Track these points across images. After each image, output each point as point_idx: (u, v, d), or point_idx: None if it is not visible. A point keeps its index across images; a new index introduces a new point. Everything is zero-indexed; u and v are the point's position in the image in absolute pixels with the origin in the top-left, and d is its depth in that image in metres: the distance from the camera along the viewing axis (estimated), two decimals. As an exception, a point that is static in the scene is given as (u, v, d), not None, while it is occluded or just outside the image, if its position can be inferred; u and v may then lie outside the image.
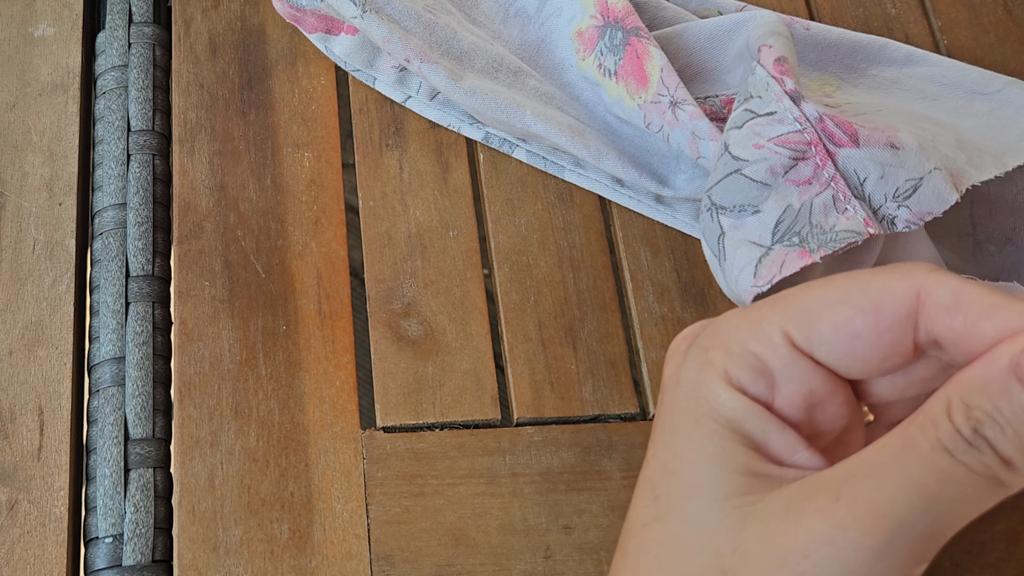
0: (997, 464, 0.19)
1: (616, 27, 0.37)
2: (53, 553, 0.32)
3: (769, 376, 0.22)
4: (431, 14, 0.38)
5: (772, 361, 0.21)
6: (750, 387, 0.22)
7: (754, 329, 0.22)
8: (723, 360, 0.22)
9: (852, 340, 0.21)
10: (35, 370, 0.35)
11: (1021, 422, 0.19)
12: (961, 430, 0.19)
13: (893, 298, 0.21)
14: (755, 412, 0.21)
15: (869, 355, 0.21)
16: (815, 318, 0.21)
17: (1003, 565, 0.36)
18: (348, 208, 0.39)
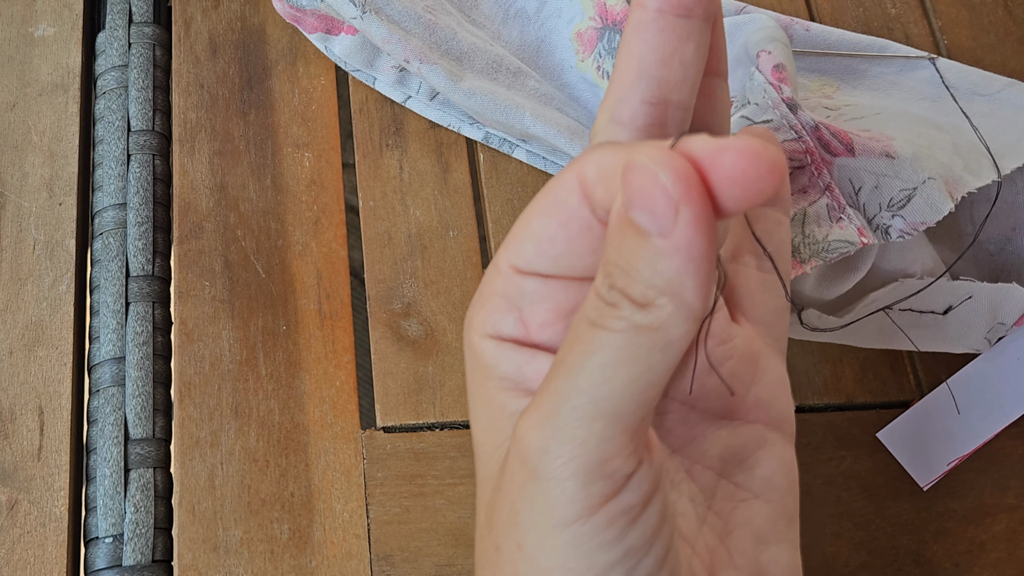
0: (633, 311, 0.18)
1: (615, 30, 0.37)
2: (53, 553, 0.32)
3: (515, 309, 0.22)
4: (431, 15, 0.38)
5: (510, 293, 0.22)
6: (505, 329, 0.22)
7: (493, 270, 0.22)
8: (478, 313, 0.22)
9: (551, 244, 0.21)
10: (35, 370, 0.35)
11: (636, 256, 0.18)
12: (600, 292, 0.19)
13: (565, 191, 0.21)
14: (503, 351, 0.22)
15: (573, 250, 0.21)
16: (521, 238, 0.22)
17: (1003, 565, 0.36)
18: (348, 208, 0.39)
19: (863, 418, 0.37)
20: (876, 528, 0.36)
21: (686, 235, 0.17)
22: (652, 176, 0.18)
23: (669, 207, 0.17)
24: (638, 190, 0.18)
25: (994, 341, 0.36)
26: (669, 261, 0.18)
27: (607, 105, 0.23)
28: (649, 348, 0.18)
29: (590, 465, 0.19)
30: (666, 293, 0.18)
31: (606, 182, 0.20)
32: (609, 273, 0.19)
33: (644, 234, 0.18)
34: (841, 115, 0.38)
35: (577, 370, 0.19)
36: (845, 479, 0.36)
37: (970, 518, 0.36)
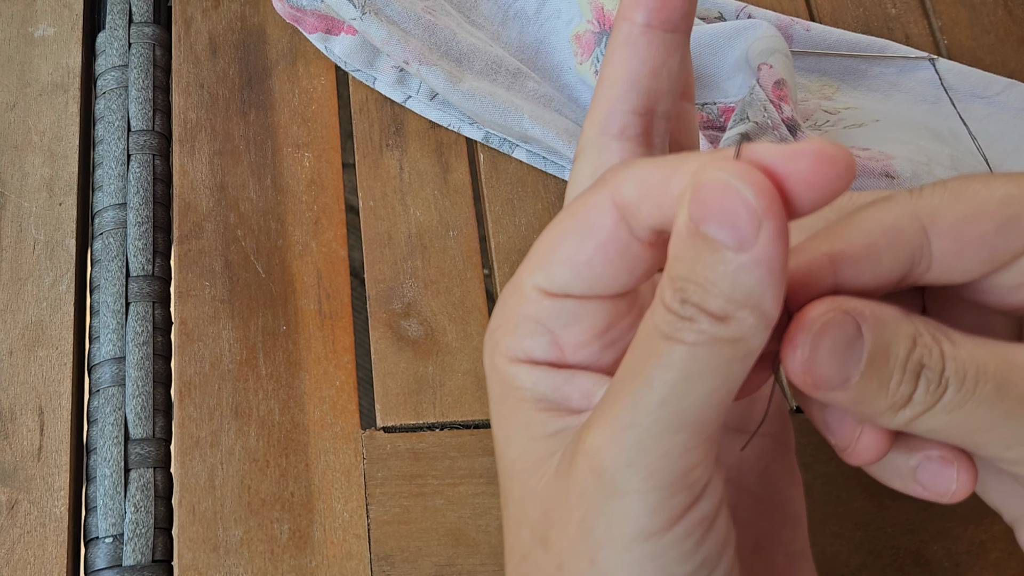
0: (711, 324, 0.18)
1: None
2: (53, 553, 0.32)
3: (547, 332, 0.22)
4: (430, 15, 0.38)
5: (542, 317, 0.21)
6: (538, 353, 0.22)
7: (517, 295, 0.22)
8: (505, 337, 0.22)
9: (588, 267, 0.21)
10: (35, 370, 0.35)
11: (712, 270, 0.18)
12: (672, 307, 0.19)
13: (599, 212, 0.20)
14: (539, 374, 0.22)
15: (611, 271, 0.21)
16: (550, 261, 0.21)
17: (1003, 565, 0.36)
18: (348, 208, 0.39)
19: (863, 418, 0.37)
20: (876, 528, 0.36)
21: (768, 248, 0.18)
22: (733, 191, 0.18)
23: (752, 221, 0.17)
24: (715, 205, 0.18)
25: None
26: (750, 274, 0.18)
27: (595, 118, 0.23)
28: (730, 359, 0.18)
29: (673, 476, 0.19)
30: (746, 306, 0.18)
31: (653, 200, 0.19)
32: (681, 288, 0.18)
33: (720, 247, 0.18)
34: (841, 119, 0.38)
35: (656, 383, 0.19)
36: (845, 479, 0.36)
37: (970, 518, 0.36)
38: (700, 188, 0.18)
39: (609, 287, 0.21)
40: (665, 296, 0.19)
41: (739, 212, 0.18)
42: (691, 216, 0.18)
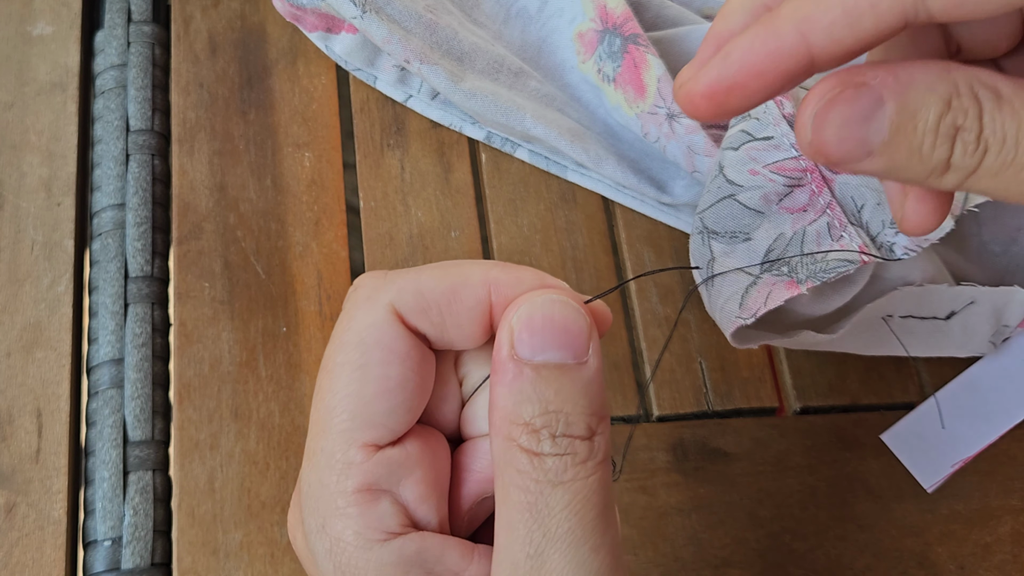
0: (585, 448, 0.19)
1: (615, 33, 0.37)
2: (51, 556, 0.32)
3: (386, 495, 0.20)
4: (432, 14, 0.38)
5: (376, 479, 0.20)
6: (390, 522, 0.20)
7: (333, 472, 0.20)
8: (344, 524, 0.20)
9: (402, 391, 0.20)
10: (33, 372, 0.34)
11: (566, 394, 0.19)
12: (544, 450, 0.19)
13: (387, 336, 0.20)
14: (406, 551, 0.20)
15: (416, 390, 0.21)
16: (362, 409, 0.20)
17: (1008, 567, 0.35)
18: (349, 208, 0.38)
19: (867, 420, 0.37)
20: (881, 530, 0.35)
21: (599, 356, 0.19)
22: (568, 308, 0.19)
23: (585, 333, 0.19)
24: (548, 327, 0.19)
25: (999, 344, 0.35)
26: (595, 384, 0.19)
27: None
28: (609, 479, 0.19)
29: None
30: (602, 418, 0.19)
31: (431, 309, 0.20)
32: (544, 425, 0.19)
33: (564, 368, 0.19)
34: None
35: (580, 534, 0.19)
36: (850, 481, 0.36)
37: (975, 520, 0.36)
38: (527, 321, 0.19)
39: (420, 407, 0.21)
40: (527, 443, 0.19)
41: (573, 327, 0.19)
42: (523, 353, 0.19)
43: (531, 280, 0.20)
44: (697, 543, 0.34)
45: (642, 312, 0.37)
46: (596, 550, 0.19)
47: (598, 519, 0.19)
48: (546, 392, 0.19)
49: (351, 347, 0.20)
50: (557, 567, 0.19)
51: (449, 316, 0.20)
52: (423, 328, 0.21)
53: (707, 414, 0.36)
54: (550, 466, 0.19)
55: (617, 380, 0.36)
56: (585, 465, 0.19)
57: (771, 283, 0.30)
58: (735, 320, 0.31)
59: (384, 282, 0.21)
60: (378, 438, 0.20)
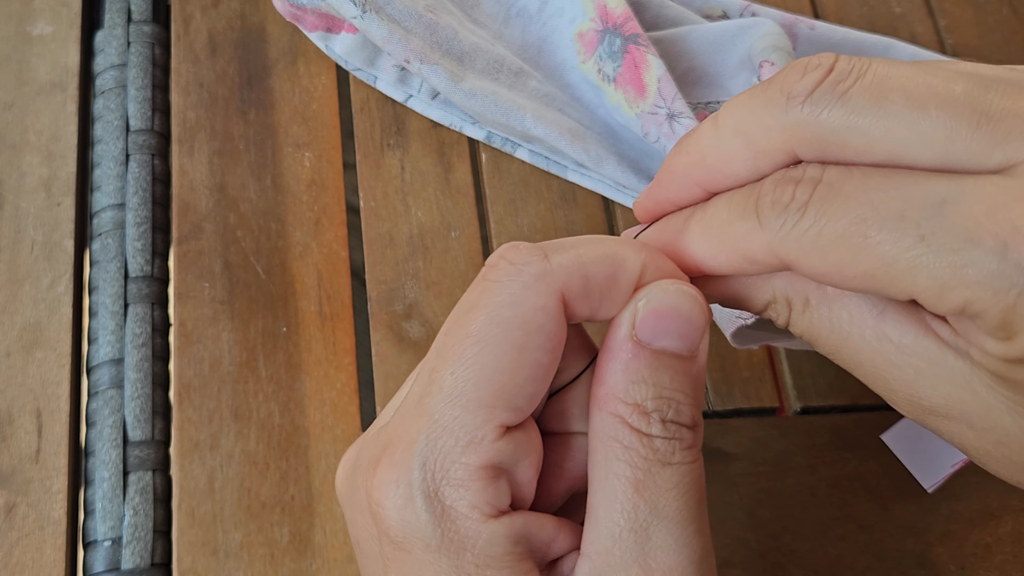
0: (691, 436, 0.20)
1: (615, 33, 0.37)
2: (51, 557, 0.32)
3: (504, 474, 0.20)
4: (432, 14, 0.38)
5: (501, 458, 0.20)
6: (503, 500, 0.20)
7: (460, 441, 0.20)
8: (461, 493, 0.20)
9: (545, 377, 0.20)
10: (33, 372, 0.34)
11: (678, 383, 0.20)
12: (654, 432, 0.20)
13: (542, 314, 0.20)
14: (516, 527, 0.20)
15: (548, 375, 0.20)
16: (508, 388, 0.20)
17: (1008, 567, 0.35)
18: (349, 208, 0.38)
19: (868, 420, 0.37)
20: (881, 531, 0.35)
21: (706, 353, 0.20)
22: (693, 301, 0.20)
23: (701, 329, 0.20)
24: (672, 315, 0.20)
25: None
26: (701, 380, 0.20)
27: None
28: (703, 471, 0.20)
29: None
30: (701, 409, 0.20)
31: (593, 291, 0.20)
32: (656, 408, 0.19)
33: (678, 357, 0.20)
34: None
35: (686, 513, 0.19)
36: (850, 481, 0.36)
37: (975, 520, 0.36)
38: (655, 306, 0.20)
39: (542, 392, 0.21)
40: (639, 424, 0.19)
41: (693, 321, 0.20)
42: (643, 336, 0.20)
43: (670, 270, 0.21)
44: (697, 543, 0.34)
45: (642, 312, 0.37)
46: (699, 533, 0.19)
47: (701, 503, 0.20)
48: (662, 377, 0.20)
49: (515, 326, 0.20)
50: (663, 544, 0.19)
51: (606, 300, 0.20)
52: (583, 312, 0.21)
53: (707, 414, 0.36)
54: (659, 447, 0.19)
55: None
56: (691, 451, 0.20)
57: None
58: (735, 320, 0.31)
59: (547, 261, 0.20)
60: (513, 420, 0.20)
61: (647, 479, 0.19)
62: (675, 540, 0.19)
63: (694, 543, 0.19)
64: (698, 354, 0.20)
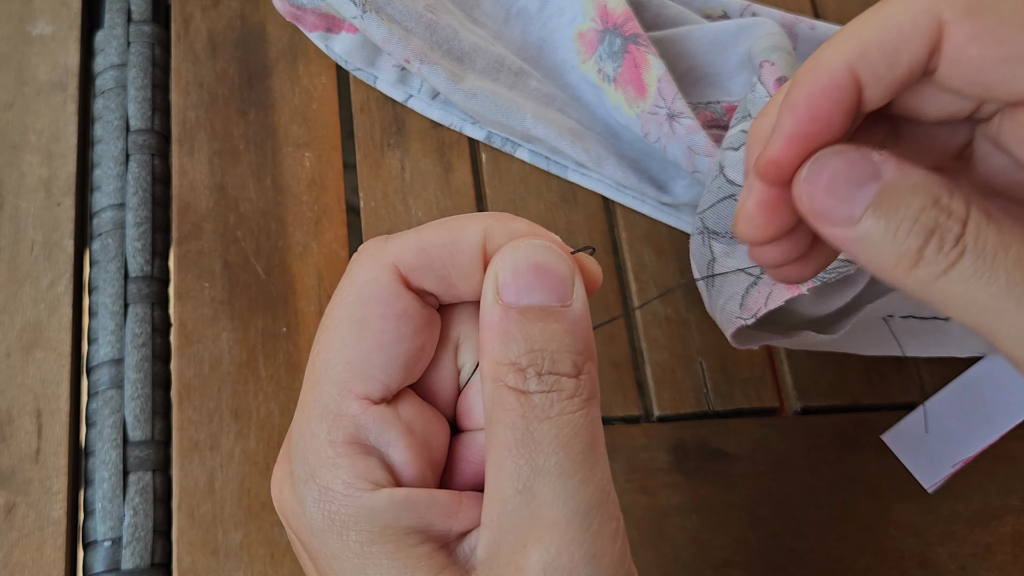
0: (572, 385, 0.20)
1: (615, 33, 0.37)
2: (51, 557, 0.32)
3: (375, 453, 0.20)
4: (432, 14, 0.38)
5: (368, 435, 0.20)
6: (378, 475, 0.20)
7: (326, 423, 0.20)
8: (333, 474, 0.20)
9: (398, 345, 0.21)
10: (33, 372, 0.34)
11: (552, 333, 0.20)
12: (530, 388, 0.19)
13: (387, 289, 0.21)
14: (399, 500, 0.20)
15: (411, 345, 0.21)
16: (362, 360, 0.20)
17: (1009, 568, 0.35)
18: (349, 208, 0.38)
19: (868, 420, 0.37)
20: (881, 531, 0.35)
21: (584, 299, 0.20)
22: (551, 253, 0.20)
23: (569, 277, 0.20)
24: (532, 271, 0.20)
25: (1000, 343, 0.35)
26: (581, 326, 0.20)
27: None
28: (597, 416, 0.20)
29: (621, 548, 0.19)
30: (589, 357, 0.20)
31: (433, 263, 0.20)
32: (530, 364, 0.19)
33: (550, 310, 0.20)
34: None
35: (567, 466, 0.19)
36: (850, 482, 0.36)
37: (976, 521, 0.36)
38: (511, 265, 0.20)
39: (418, 366, 0.21)
40: (513, 381, 0.19)
41: (557, 271, 0.20)
42: (507, 297, 0.20)
43: (522, 229, 0.21)
44: (698, 543, 0.34)
45: (643, 312, 0.37)
46: (585, 482, 0.19)
47: (586, 453, 0.19)
48: (531, 331, 0.19)
49: (350, 302, 0.21)
50: (547, 499, 0.19)
51: (453, 268, 0.21)
52: (428, 285, 0.21)
53: (708, 414, 0.36)
54: (537, 402, 0.19)
55: (617, 380, 0.36)
56: (572, 400, 0.19)
57: (771, 283, 0.30)
58: (735, 320, 0.31)
59: (386, 243, 0.21)
60: (372, 391, 0.20)
61: (526, 438, 0.19)
62: (557, 494, 0.19)
63: (579, 494, 0.19)
64: (571, 303, 0.20)
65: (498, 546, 0.19)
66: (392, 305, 0.20)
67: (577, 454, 0.19)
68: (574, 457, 0.19)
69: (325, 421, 0.20)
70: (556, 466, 0.19)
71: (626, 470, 0.35)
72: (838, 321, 0.33)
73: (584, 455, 0.19)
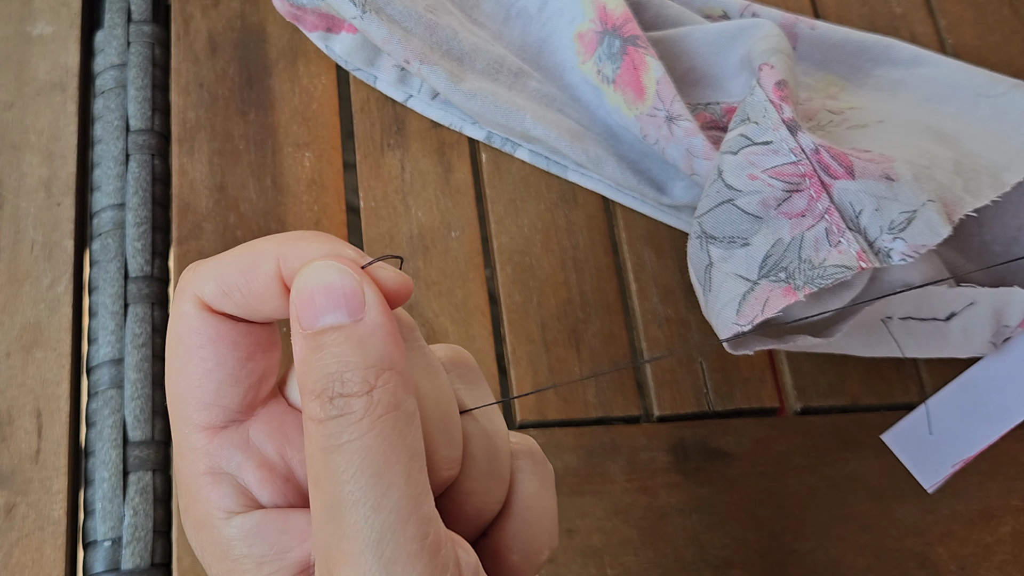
0: (363, 405, 0.19)
1: (614, 35, 0.37)
2: (51, 557, 0.32)
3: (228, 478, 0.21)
4: (432, 14, 0.38)
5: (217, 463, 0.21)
6: (229, 502, 0.21)
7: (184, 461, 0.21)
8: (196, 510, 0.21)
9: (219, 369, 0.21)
10: (33, 372, 0.34)
11: (340, 351, 0.19)
12: (322, 415, 0.19)
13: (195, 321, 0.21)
14: (249, 528, 0.20)
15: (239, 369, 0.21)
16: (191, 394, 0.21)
17: (1009, 567, 0.35)
18: (349, 208, 0.38)
19: (868, 420, 0.37)
20: (881, 531, 0.35)
21: (378, 309, 0.19)
22: (333, 270, 0.20)
23: (356, 292, 0.19)
24: (318, 293, 0.19)
25: (999, 344, 0.35)
26: (374, 338, 0.19)
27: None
28: (402, 430, 0.19)
29: (428, 569, 0.19)
30: (383, 369, 0.19)
31: (231, 290, 0.21)
32: (323, 390, 0.19)
33: (339, 328, 0.19)
34: (844, 120, 0.38)
35: (355, 497, 0.18)
36: (850, 481, 0.36)
37: (976, 521, 0.36)
38: (299, 292, 0.20)
39: (253, 380, 0.21)
40: (312, 411, 0.19)
41: (341, 288, 0.19)
42: (303, 324, 0.19)
43: (315, 251, 0.20)
44: (698, 543, 0.34)
45: (643, 312, 0.37)
46: (377, 509, 0.18)
47: (378, 476, 0.19)
48: (324, 356, 0.19)
49: (170, 341, 0.21)
50: (345, 531, 0.19)
51: (249, 295, 0.21)
52: (229, 310, 0.21)
53: (708, 414, 0.36)
54: (330, 431, 0.19)
55: (617, 380, 0.36)
56: (361, 423, 0.19)
57: (768, 289, 0.30)
58: (732, 327, 0.30)
59: (192, 274, 0.21)
60: (213, 419, 0.21)
61: (325, 469, 0.19)
62: (351, 524, 0.18)
63: (371, 521, 0.18)
64: (364, 316, 0.19)
65: (320, 574, 0.19)
66: (202, 332, 0.21)
67: (368, 479, 0.19)
68: (364, 484, 0.18)
69: (185, 457, 0.21)
70: (349, 495, 0.19)
71: (626, 470, 0.35)
72: (836, 323, 0.33)
73: (375, 479, 0.19)
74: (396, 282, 0.21)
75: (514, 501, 0.23)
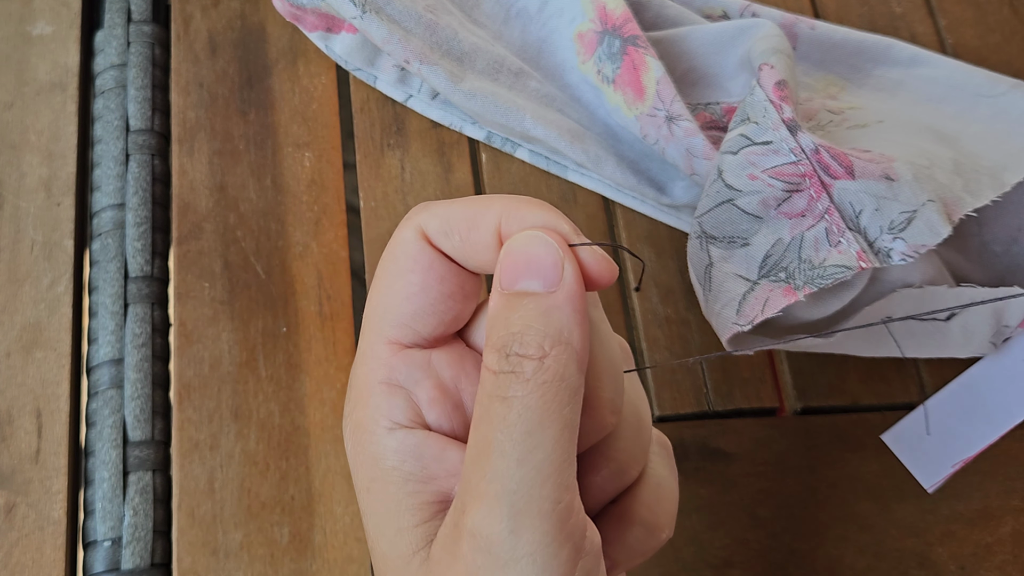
0: (534, 369, 0.20)
1: (614, 35, 0.37)
2: (51, 557, 0.32)
3: (402, 391, 0.22)
4: (432, 14, 0.38)
5: (395, 376, 0.22)
6: (396, 414, 0.22)
7: (366, 365, 0.22)
8: (363, 412, 0.22)
9: (422, 297, 0.22)
10: (33, 372, 0.34)
11: (526, 316, 0.20)
12: (497, 367, 0.20)
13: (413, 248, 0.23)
14: (406, 445, 0.22)
15: (440, 301, 0.22)
16: (390, 310, 0.22)
17: (1009, 568, 0.35)
18: (349, 208, 0.38)
19: (868, 420, 0.37)
20: (881, 531, 0.35)
21: (571, 286, 0.21)
22: (538, 243, 0.21)
23: (556, 265, 0.21)
24: (523, 262, 0.21)
25: (999, 344, 0.35)
26: (560, 311, 0.20)
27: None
28: (560, 402, 0.20)
29: (554, 530, 0.20)
30: (560, 341, 0.20)
31: (453, 232, 0.22)
32: (503, 346, 0.20)
33: (531, 295, 0.21)
34: (845, 119, 0.38)
35: (506, 446, 0.20)
36: (850, 482, 0.36)
37: (976, 521, 0.36)
38: (507, 254, 0.21)
39: (444, 322, 0.23)
40: (490, 362, 0.21)
41: (544, 260, 0.21)
42: (503, 283, 0.21)
43: (535, 219, 0.22)
44: (697, 543, 0.34)
45: (643, 312, 0.37)
46: (521, 462, 0.20)
47: (529, 434, 0.20)
48: (511, 315, 0.21)
49: (385, 259, 0.23)
50: (488, 473, 0.20)
51: (467, 242, 0.22)
52: (446, 248, 0.22)
53: (707, 414, 0.36)
54: (499, 382, 0.20)
55: (617, 380, 0.36)
56: (526, 384, 0.20)
57: (768, 289, 0.30)
58: (732, 326, 0.31)
59: (422, 208, 0.23)
60: (402, 337, 0.22)
61: (484, 414, 0.20)
62: (495, 469, 0.20)
63: (514, 471, 0.20)
64: (558, 288, 0.21)
65: (455, 508, 0.21)
66: (418, 259, 0.22)
67: (520, 434, 0.20)
68: (515, 437, 0.20)
69: (366, 364, 0.22)
70: (499, 444, 0.20)
71: (626, 470, 0.35)
72: (836, 323, 0.33)
73: (525, 436, 0.20)
74: (600, 266, 0.22)
75: (648, 475, 0.24)
